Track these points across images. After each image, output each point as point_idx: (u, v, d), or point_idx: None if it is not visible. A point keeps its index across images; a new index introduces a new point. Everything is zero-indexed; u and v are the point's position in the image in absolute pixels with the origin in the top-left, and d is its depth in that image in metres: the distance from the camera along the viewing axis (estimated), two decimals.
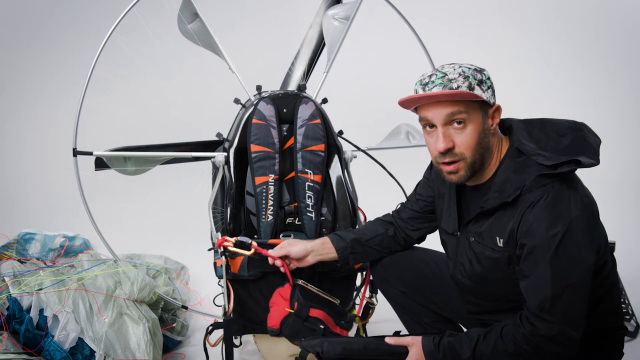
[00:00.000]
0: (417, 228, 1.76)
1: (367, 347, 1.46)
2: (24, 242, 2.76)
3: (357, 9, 2.21)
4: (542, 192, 1.31)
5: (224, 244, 1.78)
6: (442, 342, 1.40)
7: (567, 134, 1.39)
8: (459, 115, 1.37)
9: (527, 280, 1.33)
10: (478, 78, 1.38)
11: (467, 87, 1.36)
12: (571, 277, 1.29)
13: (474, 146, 1.39)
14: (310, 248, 1.76)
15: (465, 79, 1.37)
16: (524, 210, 1.33)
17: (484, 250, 1.44)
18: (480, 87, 1.37)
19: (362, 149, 2.17)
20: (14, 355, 1.77)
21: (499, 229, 1.39)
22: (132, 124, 3.37)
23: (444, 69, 1.41)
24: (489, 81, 1.40)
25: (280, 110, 2.00)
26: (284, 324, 1.69)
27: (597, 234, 1.36)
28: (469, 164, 1.40)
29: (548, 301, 1.28)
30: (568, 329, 1.29)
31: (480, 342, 1.36)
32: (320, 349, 1.44)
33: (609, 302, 1.44)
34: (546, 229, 1.29)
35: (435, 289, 1.72)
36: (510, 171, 1.39)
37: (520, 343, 1.32)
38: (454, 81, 1.37)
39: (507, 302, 1.46)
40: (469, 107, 1.37)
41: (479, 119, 1.39)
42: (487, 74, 1.41)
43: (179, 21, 2.16)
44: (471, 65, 1.41)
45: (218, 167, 2.01)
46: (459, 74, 1.37)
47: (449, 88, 1.37)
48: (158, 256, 2.81)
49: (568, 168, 1.31)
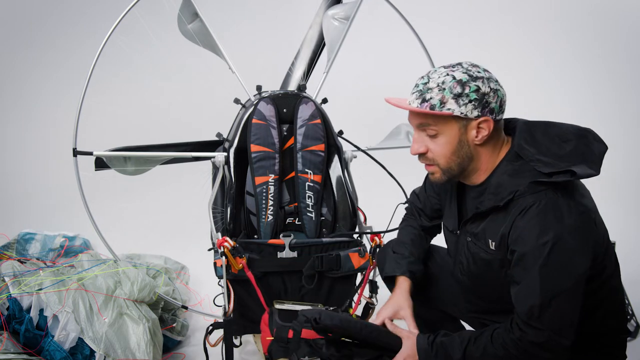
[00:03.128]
0: (434, 224, 1.77)
1: (365, 327, 1.48)
2: (24, 242, 2.75)
3: (357, 9, 2.21)
4: (535, 198, 1.30)
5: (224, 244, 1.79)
6: (436, 340, 1.40)
7: (571, 140, 1.36)
8: (427, 128, 1.39)
9: (517, 287, 1.32)
10: (456, 92, 1.33)
11: (438, 101, 1.34)
12: (561, 286, 1.28)
13: (447, 155, 1.39)
14: (402, 304, 1.60)
15: (441, 91, 1.34)
16: (516, 216, 1.31)
17: (478, 252, 1.44)
18: (457, 101, 1.33)
19: (362, 149, 2.17)
20: (14, 355, 1.77)
21: (491, 231, 1.39)
22: (132, 124, 3.37)
23: (434, 73, 1.38)
24: (475, 94, 1.33)
25: (280, 110, 2.00)
26: (270, 351, 1.68)
27: (592, 242, 1.33)
28: (443, 170, 1.42)
29: (537, 309, 1.28)
30: (557, 336, 1.28)
31: (471, 343, 1.36)
32: (318, 316, 1.45)
33: (608, 307, 1.42)
34: (536, 237, 1.27)
35: (440, 286, 1.72)
36: (506, 175, 1.37)
37: (509, 348, 1.32)
38: (429, 92, 1.35)
39: (503, 304, 1.45)
40: (439, 121, 1.37)
41: (453, 132, 1.37)
42: (474, 86, 1.33)
43: (179, 21, 2.16)
44: (465, 73, 1.35)
45: (218, 167, 2.01)
46: (437, 84, 1.35)
47: (422, 98, 1.36)
48: (158, 256, 2.80)
49: (563, 178, 1.29)
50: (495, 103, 1.35)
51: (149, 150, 2.07)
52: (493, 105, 1.35)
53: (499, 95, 1.36)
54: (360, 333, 1.47)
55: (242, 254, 1.80)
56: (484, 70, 1.38)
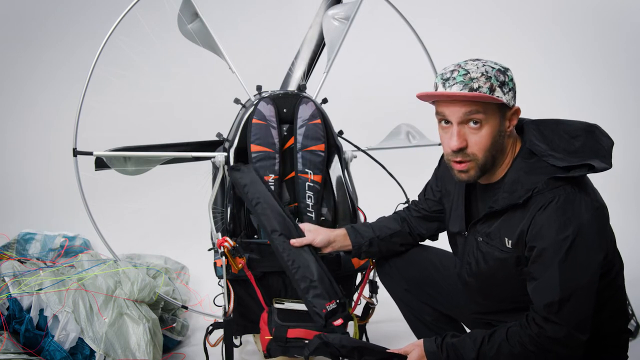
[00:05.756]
0: (428, 226, 1.77)
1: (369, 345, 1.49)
2: (24, 242, 2.76)
3: (357, 9, 2.21)
4: (554, 194, 1.30)
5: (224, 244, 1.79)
6: (445, 342, 1.40)
7: (580, 136, 1.37)
8: (475, 115, 1.35)
9: (536, 283, 1.32)
10: (501, 80, 1.34)
11: (487, 89, 1.33)
12: (580, 281, 1.29)
13: (488, 148, 1.37)
14: (333, 239, 1.77)
15: (488, 79, 1.33)
16: (535, 213, 1.32)
17: (492, 251, 1.43)
18: (502, 89, 1.34)
19: (362, 149, 2.17)
20: (14, 355, 1.77)
21: (508, 230, 1.38)
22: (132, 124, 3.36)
23: (467, 65, 1.36)
24: (511, 83, 1.37)
25: (280, 110, 2.00)
26: (269, 350, 1.70)
27: (606, 238, 1.36)
28: (480, 165, 1.39)
29: (556, 305, 1.28)
30: (575, 332, 1.29)
31: (485, 343, 1.36)
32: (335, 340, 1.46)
33: (614, 306, 1.43)
34: (556, 232, 1.28)
35: (440, 287, 1.73)
36: (522, 172, 1.37)
37: (527, 344, 1.31)
38: (476, 81, 1.33)
39: (511, 303, 1.46)
40: (487, 109, 1.35)
41: (496, 121, 1.36)
42: (510, 74, 1.37)
43: (179, 21, 2.16)
44: (495, 64, 1.37)
45: (218, 167, 2.01)
46: (482, 73, 1.34)
47: (469, 87, 1.33)
48: (158, 256, 2.80)
49: (580, 172, 1.30)
50: (515, 93, 1.39)
51: (149, 150, 2.07)
52: (516, 96, 1.39)
53: (515, 86, 1.40)
54: (366, 346, 1.49)
55: (242, 254, 1.80)
56: None
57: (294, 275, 1.68)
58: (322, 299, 1.64)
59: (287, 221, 1.78)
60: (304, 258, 1.71)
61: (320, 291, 1.65)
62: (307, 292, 1.65)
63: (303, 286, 1.66)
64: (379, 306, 2.01)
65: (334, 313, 1.64)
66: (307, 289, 1.66)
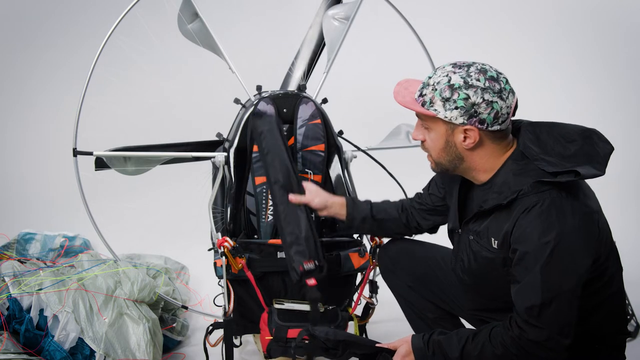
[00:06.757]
0: (427, 219, 1.78)
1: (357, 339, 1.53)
2: (24, 242, 2.75)
3: (357, 9, 2.21)
4: (539, 198, 1.30)
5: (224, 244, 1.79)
6: (432, 339, 1.41)
7: (576, 140, 1.36)
8: (423, 120, 1.44)
9: (518, 285, 1.33)
10: (445, 95, 1.35)
11: (429, 99, 1.38)
12: (562, 286, 1.28)
13: (438, 150, 1.44)
14: (330, 204, 1.79)
15: (433, 91, 1.37)
16: (519, 215, 1.32)
17: (481, 250, 1.44)
18: (444, 105, 1.35)
19: (362, 149, 2.17)
20: (14, 355, 1.77)
21: (494, 230, 1.39)
22: (132, 124, 3.37)
23: (439, 69, 1.40)
24: (462, 102, 1.33)
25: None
26: (269, 350, 1.73)
27: (595, 243, 1.33)
28: (436, 163, 1.47)
29: (537, 308, 1.28)
30: (557, 335, 1.29)
31: (469, 342, 1.36)
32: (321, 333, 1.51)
33: (608, 309, 1.42)
34: (539, 237, 1.28)
35: (442, 284, 1.73)
36: (511, 173, 1.38)
37: (508, 346, 1.32)
38: (427, 88, 1.39)
39: (503, 302, 1.45)
40: (427, 118, 1.41)
41: (440, 131, 1.40)
42: (463, 94, 1.32)
43: (179, 21, 2.16)
44: (462, 78, 1.33)
45: (218, 167, 2.01)
46: (433, 83, 1.38)
47: (420, 92, 1.41)
48: (158, 256, 2.80)
49: (567, 178, 1.28)
50: (487, 115, 1.33)
51: (149, 150, 2.07)
52: (484, 117, 1.34)
53: (495, 108, 1.33)
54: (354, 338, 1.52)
55: (242, 254, 1.80)
56: (490, 78, 1.33)
57: (282, 228, 1.73)
58: (302, 257, 1.68)
59: (292, 176, 1.80)
60: (297, 214, 1.74)
61: (303, 249, 1.69)
62: (291, 247, 1.70)
63: (289, 240, 1.70)
64: (379, 306, 2.01)
65: (309, 272, 1.67)
66: (291, 244, 1.70)
